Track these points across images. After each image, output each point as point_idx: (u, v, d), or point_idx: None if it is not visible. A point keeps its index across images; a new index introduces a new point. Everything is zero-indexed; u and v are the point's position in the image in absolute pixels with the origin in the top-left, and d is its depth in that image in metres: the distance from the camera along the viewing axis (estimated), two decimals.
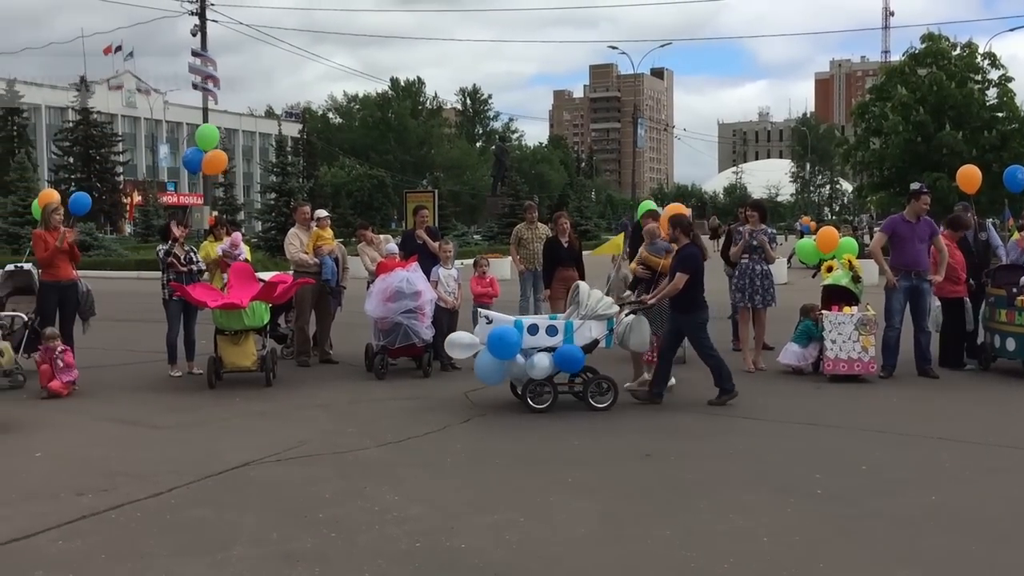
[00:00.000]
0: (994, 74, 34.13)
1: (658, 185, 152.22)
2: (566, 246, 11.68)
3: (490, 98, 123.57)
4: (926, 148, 32.78)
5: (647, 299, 9.13)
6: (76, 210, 11.45)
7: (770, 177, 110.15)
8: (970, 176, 11.93)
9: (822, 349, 10.10)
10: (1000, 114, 33.79)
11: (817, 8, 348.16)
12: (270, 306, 10.27)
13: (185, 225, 11.35)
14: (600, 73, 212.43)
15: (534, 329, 8.53)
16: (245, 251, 11.43)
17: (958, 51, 34.09)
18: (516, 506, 5.75)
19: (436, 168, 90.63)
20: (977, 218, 11.79)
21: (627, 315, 8.95)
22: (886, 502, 5.85)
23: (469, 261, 15.23)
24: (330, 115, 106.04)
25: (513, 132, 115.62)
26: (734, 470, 6.61)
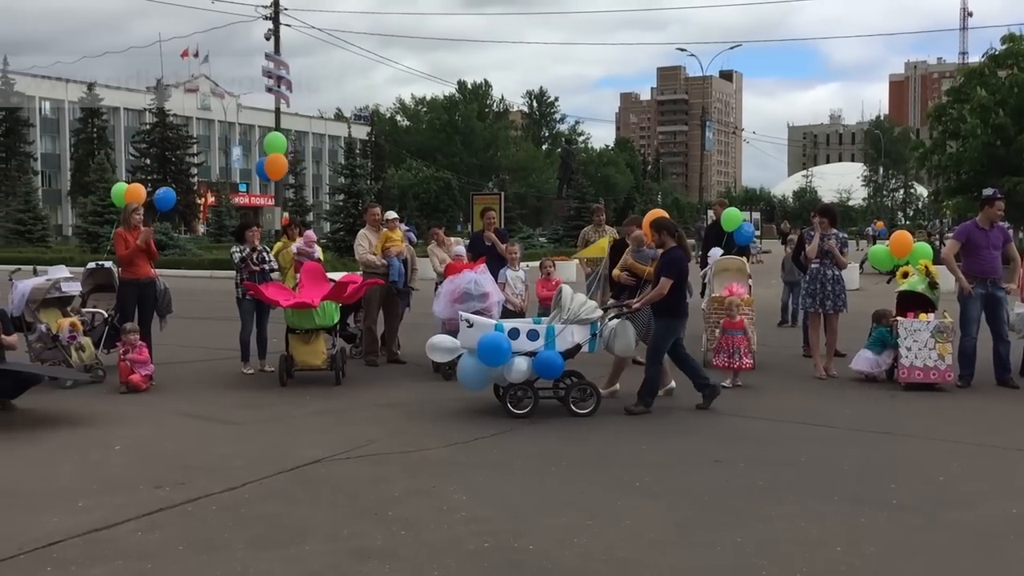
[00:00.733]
0: None
1: (726, 189, 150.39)
2: None
3: (556, 101, 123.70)
4: (1005, 152, 31.80)
5: (632, 303, 8.97)
6: (162, 205, 11.72)
7: (841, 181, 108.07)
8: None
9: (896, 356, 9.89)
10: None
11: (892, 9, 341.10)
12: (340, 306, 10.43)
13: (257, 226, 11.57)
14: (668, 75, 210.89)
15: (515, 333, 8.33)
16: (318, 250, 11.63)
17: None
18: (584, 509, 5.74)
19: (502, 170, 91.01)
20: None
21: (611, 319, 8.82)
22: (963, 514, 5.70)
23: (535, 263, 15.24)
24: (398, 118, 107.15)
25: (579, 135, 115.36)
26: (805, 478, 6.50)
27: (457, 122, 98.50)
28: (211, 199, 65.64)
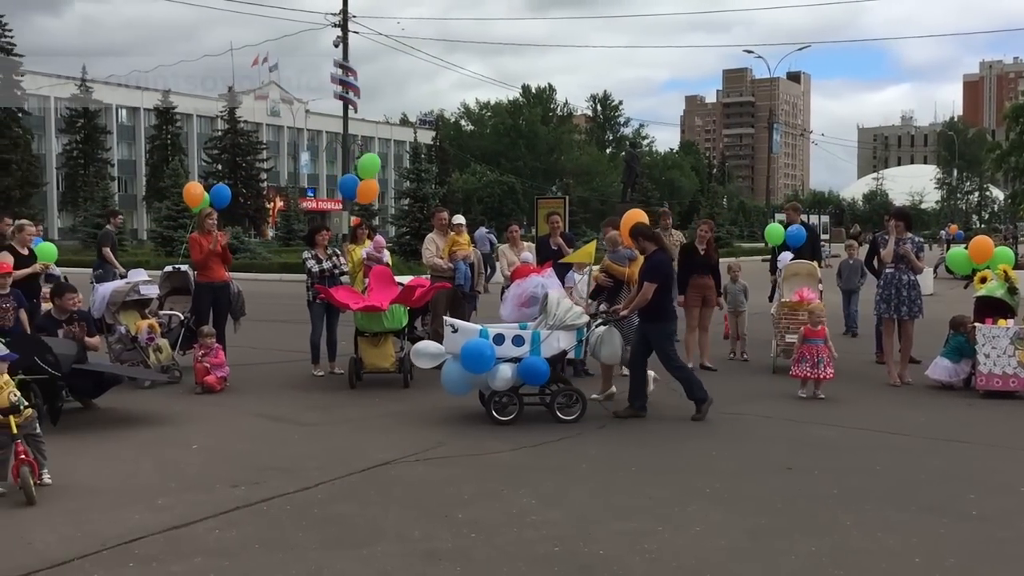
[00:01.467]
0: None
1: (793, 192, 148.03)
2: (702, 254, 11.51)
3: (620, 104, 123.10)
4: None
5: (619, 310, 8.82)
6: (218, 202, 11.97)
7: (913, 184, 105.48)
8: None
9: (974, 364, 9.63)
10: None
11: (964, 8, 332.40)
12: (408, 309, 10.53)
13: (327, 229, 11.74)
14: (734, 77, 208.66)
15: (500, 339, 8.18)
16: (387, 255, 11.76)
17: None
18: (653, 515, 5.71)
19: (566, 174, 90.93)
20: None
21: (598, 326, 8.68)
22: None
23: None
24: (462, 122, 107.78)
25: (643, 138, 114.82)
26: (881, 487, 6.37)
27: (521, 126, 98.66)
28: (280, 204, 66.83)
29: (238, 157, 70.64)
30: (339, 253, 11.34)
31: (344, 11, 38.08)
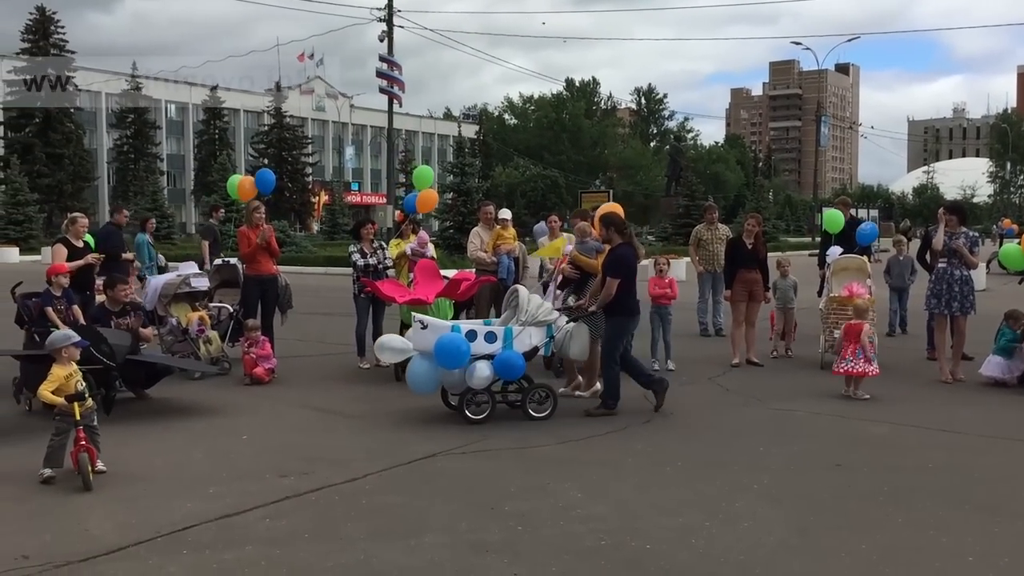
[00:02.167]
0: None
1: (841, 186, 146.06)
2: (750, 248, 11.40)
3: (665, 97, 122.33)
4: None
5: (586, 305, 8.65)
6: (264, 188, 12.08)
7: (965, 177, 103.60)
8: None
9: None
10: None
11: None
12: (453, 303, 10.56)
13: (372, 223, 11.83)
14: (780, 70, 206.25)
15: (472, 335, 7.97)
16: (431, 249, 11.81)
17: None
18: (700, 510, 5.68)
19: (609, 168, 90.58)
20: None
21: (568, 322, 8.52)
22: None
23: (646, 261, 15.11)
24: (506, 116, 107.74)
25: (688, 131, 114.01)
26: (932, 485, 6.28)
27: (564, 120, 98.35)
28: (325, 198, 67.43)
29: (284, 151, 71.48)
30: (384, 246, 11.42)
31: (389, 6, 38.31)
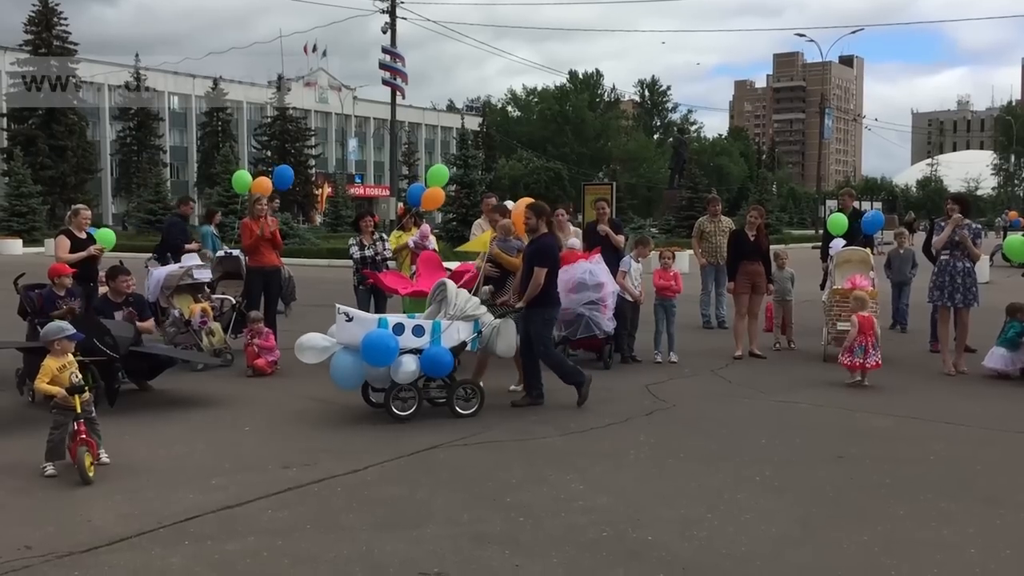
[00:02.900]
0: None
1: (844, 178, 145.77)
2: (752, 240, 11.39)
3: (668, 89, 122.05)
4: None
5: (512, 300, 8.59)
6: (281, 184, 12.11)
7: (969, 169, 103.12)
8: None
9: None
10: None
11: None
12: None
13: (371, 215, 11.85)
14: (784, 62, 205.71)
15: (399, 329, 7.73)
16: (433, 242, 11.81)
17: None
18: (702, 502, 5.68)
19: (613, 160, 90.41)
20: None
21: (498, 317, 8.35)
22: None
23: (652, 254, 15.05)
24: (509, 108, 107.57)
25: (692, 124, 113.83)
26: (934, 477, 6.28)
27: (568, 112, 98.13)
28: (328, 190, 67.39)
29: (287, 144, 71.38)
30: (384, 238, 11.43)
31: None
